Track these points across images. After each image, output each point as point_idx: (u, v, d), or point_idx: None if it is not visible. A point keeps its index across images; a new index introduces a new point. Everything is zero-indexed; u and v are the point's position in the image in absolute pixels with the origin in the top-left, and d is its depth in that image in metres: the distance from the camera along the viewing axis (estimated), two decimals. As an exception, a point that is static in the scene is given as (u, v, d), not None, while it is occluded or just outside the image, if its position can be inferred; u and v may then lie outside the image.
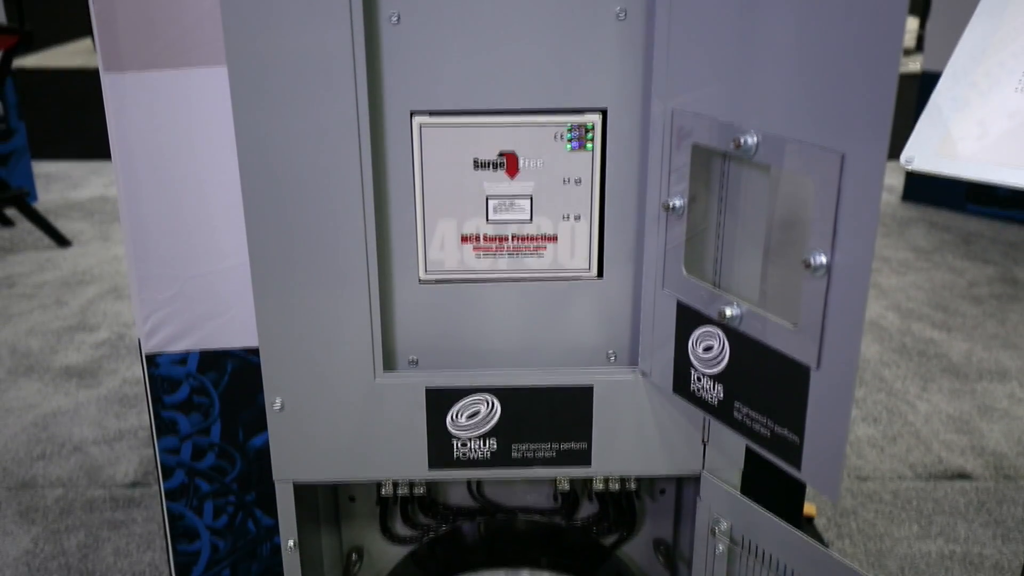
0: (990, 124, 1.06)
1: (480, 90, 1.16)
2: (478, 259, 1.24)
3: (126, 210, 1.40)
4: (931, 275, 3.69)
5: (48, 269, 3.72)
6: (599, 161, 1.19)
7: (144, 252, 1.40)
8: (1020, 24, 1.11)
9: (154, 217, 1.42)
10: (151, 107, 1.42)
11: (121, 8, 1.38)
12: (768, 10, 0.94)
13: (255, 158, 1.16)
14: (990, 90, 1.09)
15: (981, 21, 1.14)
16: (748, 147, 0.98)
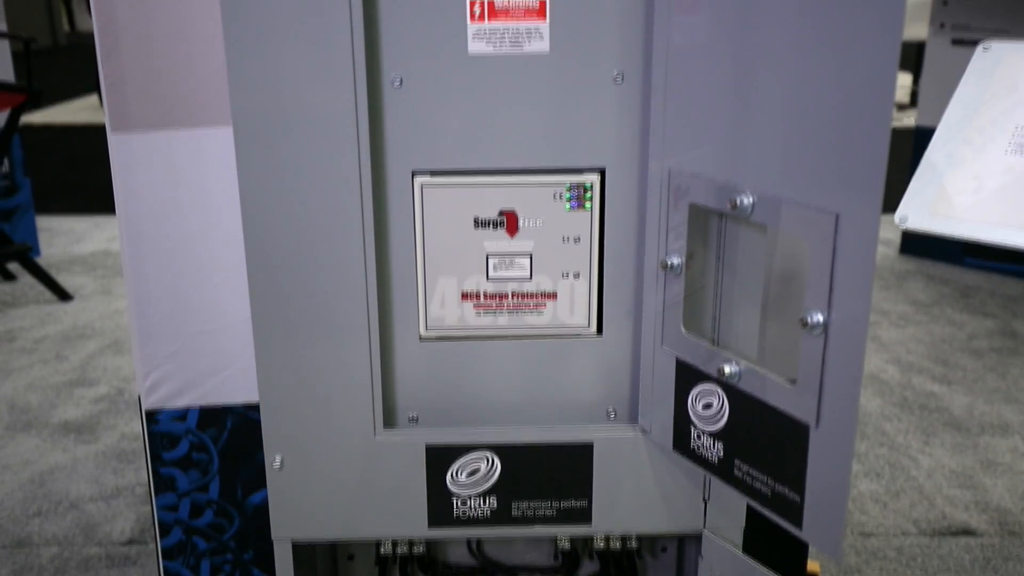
0: (986, 178, 1.07)
1: (480, 150, 1.18)
2: (478, 316, 1.25)
3: (129, 267, 1.41)
4: (930, 328, 3.70)
5: (49, 323, 3.72)
6: (598, 220, 1.21)
7: (146, 308, 1.41)
8: (1010, 83, 1.14)
9: (157, 274, 1.44)
10: (156, 166, 1.44)
11: (129, 69, 1.41)
12: (762, 73, 0.97)
13: (259, 216, 1.17)
14: (984, 146, 1.11)
15: (972, 80, 1.17)
16: (744, 207, 0.99)
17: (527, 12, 1.12)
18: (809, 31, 0.90)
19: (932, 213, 1.03)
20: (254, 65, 1.11)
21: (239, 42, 1.10)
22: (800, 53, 0.91)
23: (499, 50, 1.14)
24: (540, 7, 1.13)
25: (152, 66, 1.42)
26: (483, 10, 1.12)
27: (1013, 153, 1.01)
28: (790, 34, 0.92)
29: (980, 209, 1.02)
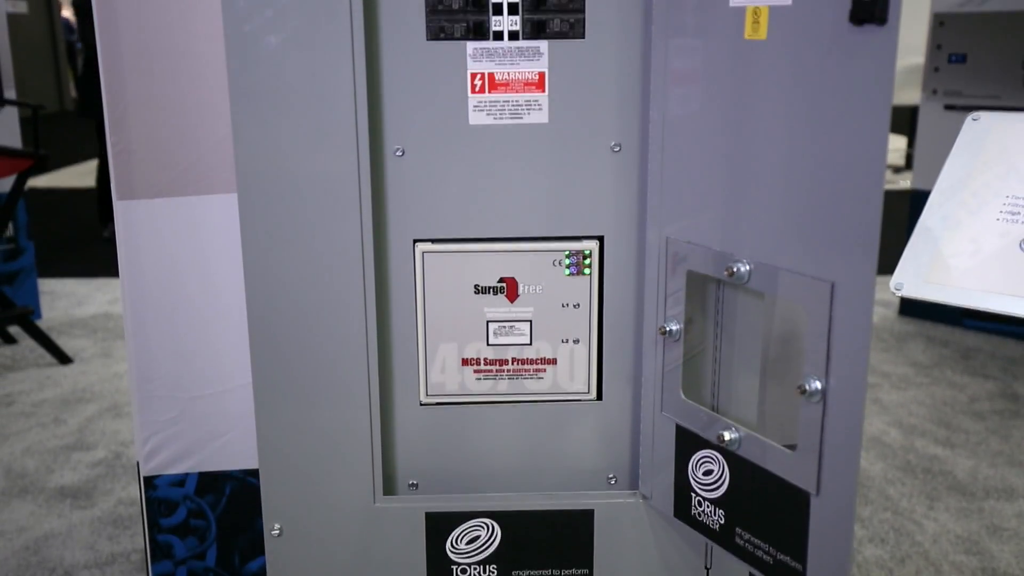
0: (979, 245, 1.09)
1: (481, 218, 1.20)
2: (479, 381, 1.25)
3: (132, 331, 1.42)
4: (932, 391, 3.69)
5: (48, 387, 3.71)
6: (597, 286, 1.22)
7: (148, 373, 1.42)
8: (999, 153, 1.16)
9: (159, 338, 1.44)
10: (161, 232, 1.46)
11: (137, 139, 1.43)
12: (756, 144, 0.99)
13: (261, 281, 1.18)
14: (977, 214, 1.12)
15: (962, 149, 1.19)
16: (741, 275, 1.01)
17: (527, 84, 1.15)
18: (801, 103, 0.92)
19: (927, 280, 1.04)
20: (259, 134, 1.14)
21: (245, 112, 1.13)
22: (793, 125, 0.94)
23: (499, 121, 1.16)
24: (539, 80, 1.15)
25: (159, 135, 1.45)
26: (484, 82, 1.15)
27: (1005, 221, 1.03)
28: (783, 106, 0.95)
29: (975, 276, 1.03)
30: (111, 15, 1.43)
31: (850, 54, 0.85)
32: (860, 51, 0.84)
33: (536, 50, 1.14)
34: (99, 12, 1.42)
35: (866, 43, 0.83)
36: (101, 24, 1.43)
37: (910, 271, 1.13)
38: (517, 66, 1.15)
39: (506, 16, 1.13)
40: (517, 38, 1.14)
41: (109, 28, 1.43)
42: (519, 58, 1.14)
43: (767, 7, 0.94)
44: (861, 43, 0.84)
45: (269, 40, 1.10)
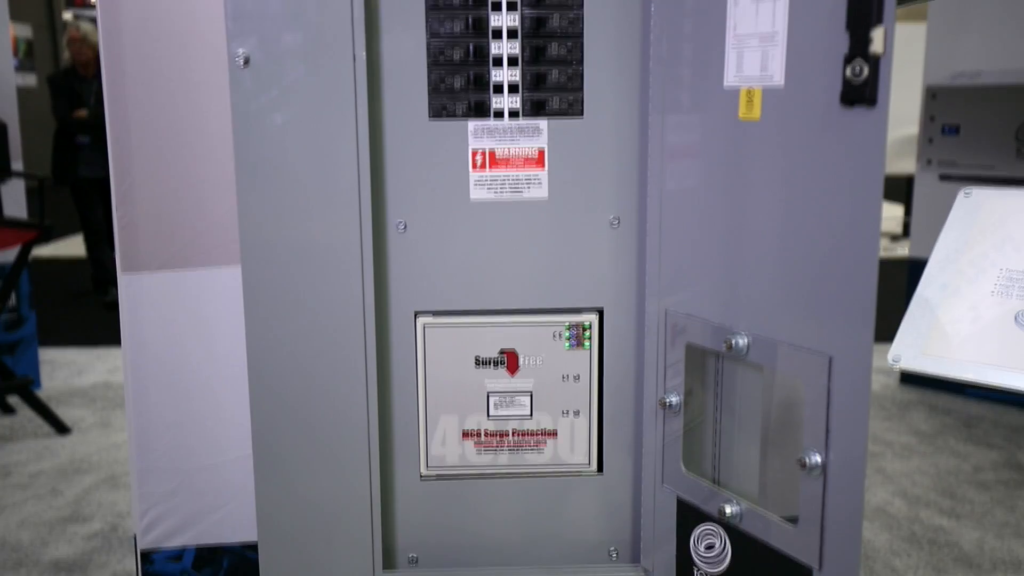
0: (974, 319, 1.10)
1: (481, 291, 1.21)
2: (479, 454, 1.25)
3: (132, 403, 1.42)
4: (935, 460, 3.66)
5: (46, 457, 3.69)
6: (597, 358, 1.23)
7: (147, 444, 1.41)
8: (991, 227, 1.18)
9: (159, 410, 1.44)
10: (164, 305, 1.47)
11: (142, 213, 1.46)
12: (752, 218, 1.01)
13: (263, 352, 1.19)
14: (971, 288, 1.14)
15: (955, 224, 1.21)
16: (739, 348, 1.02)
17: (527, 161, 1.18)
18: (796, 181, 0.94)
19: (925, 352, 1.04)
20: (263, 208, 1.16)
21: (250, 187, 1.15)
22: (788, 202, 0.96)
23: (500, 196, 1.19)
24: (539, 156, 1.18)
25: (164, 209, 1.48)
26: (485, 159, 1.18)
27: (999, 295, 1.04)
28: (778, 184, 0.97)
29: (972, 349, 1.04)
30: (120, 92, 1.46)
31: (842, 134, 0.87)
32: (851, 132, 0.86)
33: (536, 128, 1.17)
34: (108, 89, 1.46)
35: (857, 124, 0.85)
36: (110, 101, 1.47)
37: (908, 343, 1.13)
38: (517, 143, 1.17)
39: (506, 95, 1.16)
40: (517, 116, 1.17)
41: (118, 105, 1.46)
42: (519, 135, 1.17)
43: (760, 89, 0.96)
44: (852, 124, 0.86)
45: (275, 118, 1.12)
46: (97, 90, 4.88)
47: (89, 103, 4.95)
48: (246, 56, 1.10)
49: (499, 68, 1.15)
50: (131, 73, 1.47)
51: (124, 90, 1.47)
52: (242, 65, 1.10)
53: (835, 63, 0.87)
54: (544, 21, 1.15)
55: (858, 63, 0.84)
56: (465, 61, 1.15)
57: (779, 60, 0.93)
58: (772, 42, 0.94)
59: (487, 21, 1.14)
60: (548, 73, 1.16)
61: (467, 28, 1.14)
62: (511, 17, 1.14)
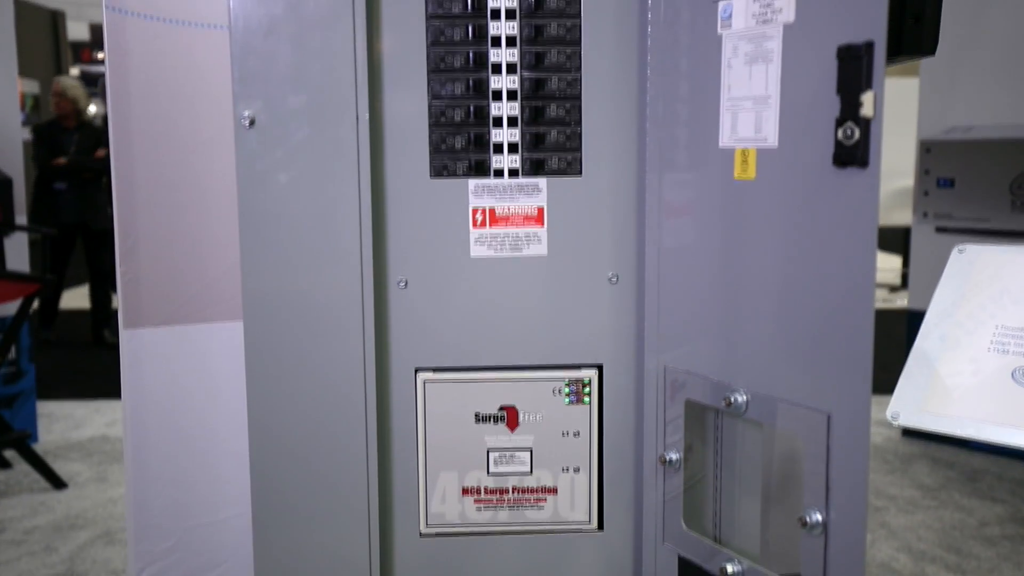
0: (971, 375, 1.10)
1: (481, 348, 1.22)
2: (479, 511, 1.24)
3: (131, 459, 1.42)
4: (940, 514, 3.63)
5: (41, 513, 3.65)
6: (596, 414, 1.23)
7: (146, 501, 1.41)
8: (986, 284, 1.19)
9: (158, 467, 1.44)
10: (165, 360, 1.48)
11: (145, 269, 1.47)
12: (750, 277, 1.02)
13: (264, 408, 1.19)
14: (968, 344, 1.14)
15: (950, 280, 1.22)
16: (738, 405, 1.02)
17: (526, 219, 1.19)
18: (791, 240, 0.96)
19: (923, 408, 1.05)
20: (266, 265, 1.17)
21: (254, 244, 1.16)
22: (784, 260, 0.97)
23: (500, 253, 1.20)
24: (539, 214, 1.20)
25: (167, 265, 1.49)
26: (485, 217, 1.19)
27: (996, 351, 1.05)
28: (774, 242, 0.98)
29: (970, 405, 1.04)
30: (127, 150, 1.49)
31: (835, 194, 0.89)
32: (845, 192, 0.88)
33: (535, 186, 1.19)
34: (115, 147, 1.48)
35: (850, 184, 0.87)
36: (116, 158, 1.49)
37: (906, 398, 1.14)
38: (517, 201, 1.19)
39: (506, 155, 1.18)
40: (517, 175, 1.19)
41: (124, 163, 1.49)
42: (519, 194, 1.19)
43: (755, 149, 0.98)
44: (845, 184, 0.88)
45: (279, 177, 1.14)
46: (76, 140, 5.15)
47: (68, 152, 5.19)
48: (252, 117, 1.12)
49: (499, 128, 1.18)
50: (138, 131, 1.49)
51: (131, 148, 1.49)
52: (247, 126, 1.12)
53: (827, 125, 0.89)
54: (543, 83, 1.17)
55: (849, 126, 0.86)
56: (466, 122, 1.17)
57: (773, 122, 0.96)
58: (765, 104, 0.96)
59: (487, 83, 1.17)
60: (547, 133, 1.18)
61: (468, 90, 1.17)
62: (511, 79, 1.17)
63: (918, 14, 0.96)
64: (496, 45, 1.16)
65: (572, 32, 1.16)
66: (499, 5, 1.16)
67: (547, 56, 1.17)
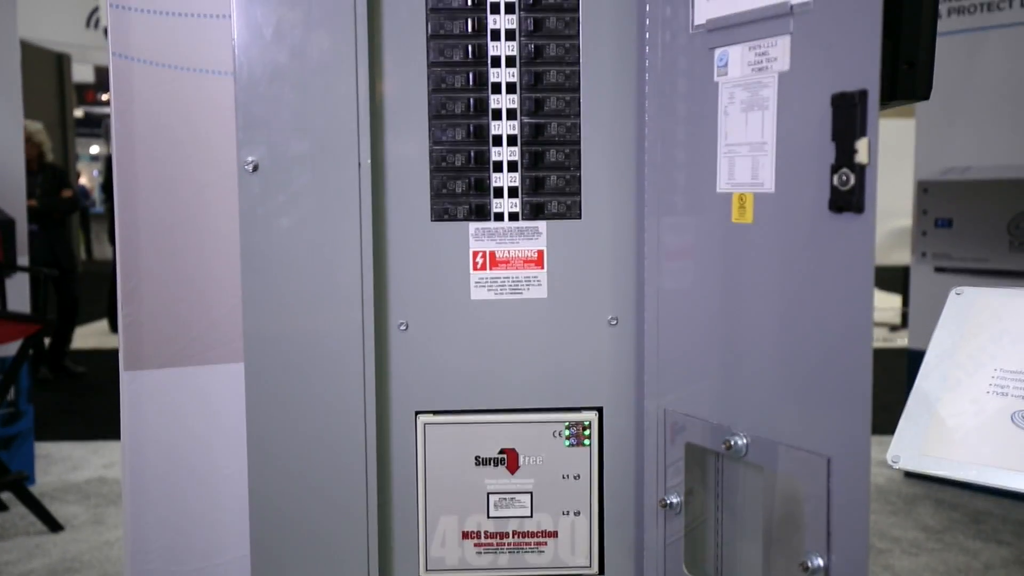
0: (971, 418, 1.10)
1: (482, 390, 1.22)
2: (479, 555, 1.24)
3: (129, 503, 1.41)
4: (944, 557, 3.59)
5: (37, 556, 3.62)
6: (597, 457, 1.23)
7: (144, 546, 1.40)
8: (984, 326, 1.20)
9: (156, 510, 1.43)
10: (165, 402, 1.48)
11: (147, 311, 1.48)
12: (748, 320, 1.02)
13: (264, 450, 1.19)
14: (970, 381, 1.14)
15: (948, 323, 1.23)
16: (738, 448, 1.02)
17: (526, 262, 1.20)
18: (789, 283, 0.97)
19: (924, 452, 1.05)
20: (268, 308, 1.17)
21: (255, 287, 1.17)
22: (782, 303, 0.98)
23: (500, 296, 1.21)
24: (539, 257, 1.21)
25: (169, 307, 1.49)
26: (485, 260, 1.20)
27: (995, 394, 1.05)
28: (772, 285, 0.99)
29: (971, 449, 1.04)
30: (131, 193, 1.50)
31: (832, 239, 0.90)
32: (841, 237, 0.89)
33: (535, 230, 1.20)
34: (119, 189, 1.50)
35: (846, 229, 0.88)
36: (120, 199, 1.50)
37: (907, 441, 1.14)
38: (517, 244, 1.20)
39: (506, 199, 1.19)
40: (517, 219, 1.20)
41: (128, 206, 1.50)
42: (519, 237, 1.20)
43: (752, 194, 1.00)
44: (841, 229, 0.89)
45: (281, 221, 1.15)
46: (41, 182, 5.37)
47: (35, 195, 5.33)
48: (255, 163, 1.14)
49: (499, 173, 1.19)
50: (142, 175, 1.51)
51: (135, 191, 1.51)
52: (251, 171, 1.14)
53: (823, 171, 0.90)
54: (543, 128, 1.19)
55: (844, 172, 0.87)
56: (466, 167, 1.19)
57: (769, 168, 0.97)
58: (762, 150, 0.98)
59: (488, 128, 1.18)
60: (547, 178, 1.19)
61: (468, 135, 1.18)
62: (511, 125, 1.19)
63: (912, 59, 0.98)
64: (496, 91, 1.18)
65: (571, 79, 1.18)
66: (499, 52, 1.18)
67: (547, 102, 1.19)
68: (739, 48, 1.00)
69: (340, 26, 1.13)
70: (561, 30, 1.18)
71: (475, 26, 1.17)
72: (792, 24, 0.94)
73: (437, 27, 1.18)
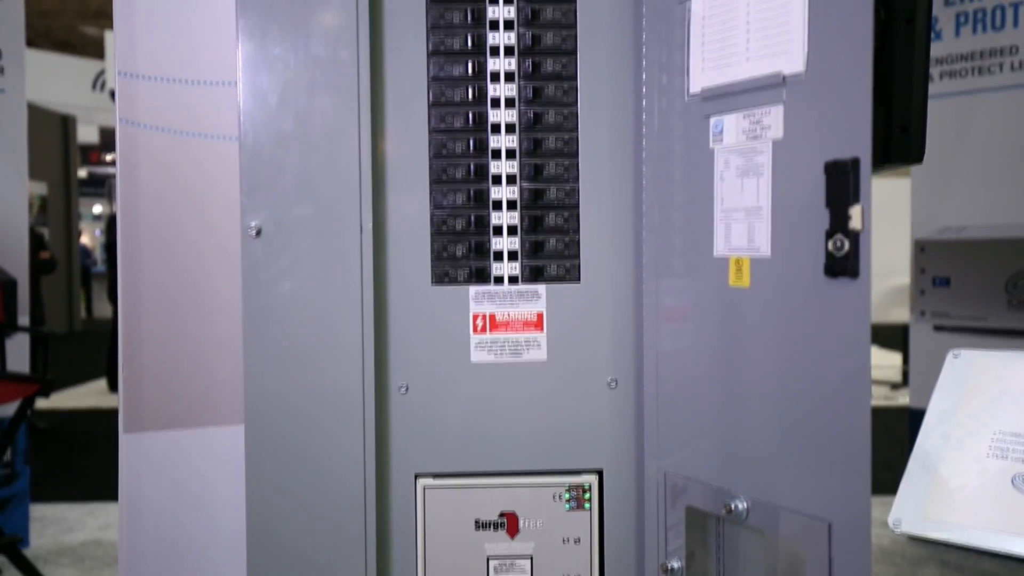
0: (971, 480, 1.10)
1: (481, 453, 1.22)
2: (479, 622, 1.22)
3: (125, 566, 1.40)
4: (951, 620, 3.52)
5: (29, 620, 3.55)
6: (597, 521, 1.22)
7: (140, 615, 1.38)
8: (982, 388, 1.20)
9: (153, 574, 1.42)
10: (164, 464, 1.48)
11: (148, 373, 1.48)
12: (747, 383, 1.03)
13: (263, 513, 1.18)
14: (970, 443, 1.15)
15: (947, 385, 1.23)
16: (739, 512, 1.02)
17: (526, 324, 1.21)
18: (787, 347, 0.97)
19: (925, 516, 1.05)
20: (269, 371, 1.18)
21: (257, 350, 1.17)
22: (780, 367, 0.98)
23: (500, 359, 1.21)
24: (538, 320, 1.22)
25: (169, 370, 1.50)
26: (485, 323, 1.21)
27: (995, 457, 1.05)
28: (770, 349, 1.00)
29: (971, 512, 1.04)
30: (135, 255, 1.52)
31: (827, 303, 0.91)
32: (837, 301, 0.90)
33: (535, 293, 1.21)
34: (123, 252, 1.51)
35: (842, 294, 0.89)
36: (124, 261, 1.52)
37: (908, 504, 1.13)
38: (517, 307, 1.21)
39: (506, 262, 1.21)
40: (517, 282, 1.21)
41: (131, 268, 1.51)
42: (519, 300, 1.21)
43: (748, 258, 1.01)
44: (837, 294, 0.90)
45: (283, 285, 1.17)
46: None
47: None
48: (258, 228, 1.15)
49: (499, 237, 1.21)
50: (146, 238, 1.53)
51: (138, 254, 1.52)
52: (254, 236, 1.15)
53: (818, 236, 0.92)
54: (542, 193, 1.21)
55: (839, 238, 0.88)
56: (467, 231, 1.20)
57: (765, 233, 0.98)
58: (758, 216, 0.99)
59: (488, 193, 1.20)
60: (546, 241, 1.21)
61: (469, 200, 1.20)
62: (511, 189, 1.21)
63: (904, 124, 1.00)
64: (496, 157, 1.21)
65: (570, 144, 1.21)
66: (499, 119, 1.20)
67: (546, 167, 1.21)
68: (734, 116, 1.03)
69: (344, 93, 1.16)
70: (560, 97, 1.21)
71: (475, 94, 1.20)
72: (785, 94, 0.96)
73: (439, 94, 1.20)
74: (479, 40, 1.20)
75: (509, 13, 1.20)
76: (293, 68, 1.15)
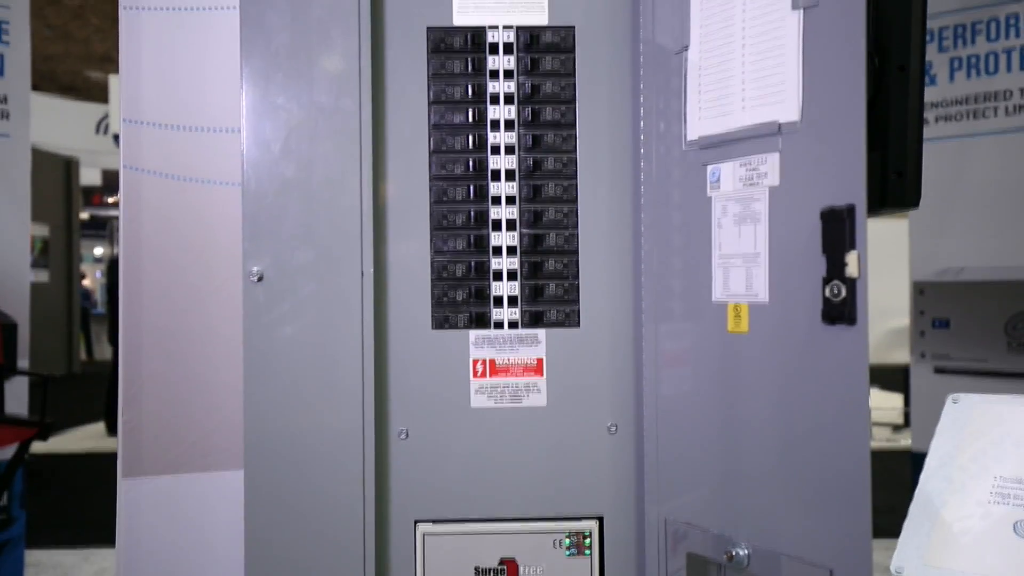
0: (977, 522, 1.09)
1: (481, 499, 1.21)
2: (479, 671, 1.20)
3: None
4: (958, 668, 3.46)
5: (22, 669, 3.50)
6: (598, 567, 1.21)
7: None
8: (983, 434, 1.20)
9: (151, 624, 1.40)
10: (162, 509, 1.47)
11: (148, 416, 1.48)
12: (747, 428, 1.03)
13: (261, 558, 1.17)
14: (971, 489, 1.14)
15: (946, 431, 1.23)
16: (740, 559, 1.01)
17: (526, 369, 1.22)
18: (786, 392, 0.98)
19: (927, 562, 1.04)
20: (269, 415, 1.18)
21: (258, 394, 1.17)
22: (779, 413, 0.98)
23: (500, 404, 1.21)
24: (538, 365, 1.22)
25: (169, 414, 1.50)
26: (485, 368, 1.22)
27: (996, 503, 1.04)
28: (769, 394, 1.00)
29: (974, 559, 1.03)
30: (136, 299, 1.52)
31: (825, 349, 0.91)
32: (834, 347, 0.90)
33: (535, 338, 1.22)
34: (124, 293, 1.52)
35: (839, 340, 0.90)
36: (125, 305, 1.52)
37: (910, 551, 1.12)
38: (517, 352, 1.21)
39: (506, 307, 1.22)
40: (517, 327, 1.22)
41: (133, 311, 1.52)
42: (519, 345, 1.21)
43: (746, 304, 1.02)
44: (835, 340, 0.90)
45: (284, 330, 1.17)
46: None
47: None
48: (260, 273, 1.16)
49: (499, 282, 1.22)
50: (147, 282, 1.54)
51: (140, 298, 1.53)
52: (256, 281, 1.16)
53: (815, 283, 0.92)
54: (542, 239, 1.22)
55: (836, 284, 0.89)
56: (467, 276, 1.21)
57: (763, 279, 0.99)
58: (755, 262, 1.00)
59: (488, 239, 1.21)
60: (546, 287, 1.22)
61: (469, 246, 1.21)
62: (511, 235, 1.22)
63: (900, 169, 1.01)
64: (496, 203, 1.22)
65: (569, 191, 1.22)
66: (499, 167, 1.22)
67: (545, 214, 1.22)
68: (730, 164, 1.04)
69: (346, 141, 1.17)
70: (559, 145, 1.22)
71: (476, 141, 1.22)
72: (781, 142, 0.98)
73: (440, 142, 1.22)
74: (479, 88, 1.22)
75: (509, 62, 1.22)
76: (296, 116, 1.17)
